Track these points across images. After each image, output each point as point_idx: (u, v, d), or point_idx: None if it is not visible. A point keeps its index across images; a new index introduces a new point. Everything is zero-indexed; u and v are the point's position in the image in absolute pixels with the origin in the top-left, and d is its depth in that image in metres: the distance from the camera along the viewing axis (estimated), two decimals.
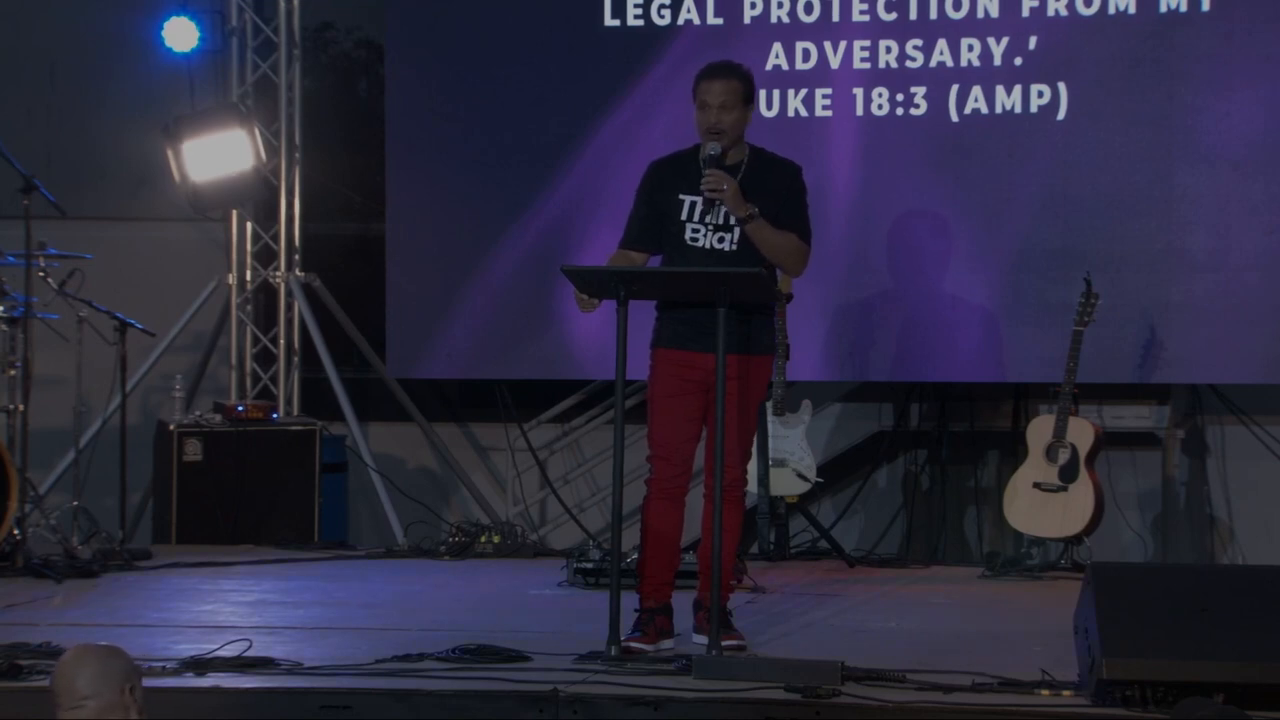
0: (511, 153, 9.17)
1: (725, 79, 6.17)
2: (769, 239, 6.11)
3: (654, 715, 5.26)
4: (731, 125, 6.15)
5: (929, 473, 9.43)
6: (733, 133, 6.17)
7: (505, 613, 7.02)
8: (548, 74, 9.14)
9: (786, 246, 6.15)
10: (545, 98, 9.12)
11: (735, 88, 6.15)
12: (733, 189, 6.07)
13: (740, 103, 6.16)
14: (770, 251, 6.12)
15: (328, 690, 5.44)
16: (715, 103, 6.14)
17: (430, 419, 9.75)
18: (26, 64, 9.78)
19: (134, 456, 8.69)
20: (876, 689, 5.38)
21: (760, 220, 6.08)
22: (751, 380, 6.17)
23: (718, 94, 6.13)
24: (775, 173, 6.26)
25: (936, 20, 8.71)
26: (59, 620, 6.56)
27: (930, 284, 8.76)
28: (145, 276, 9.56)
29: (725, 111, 6.14)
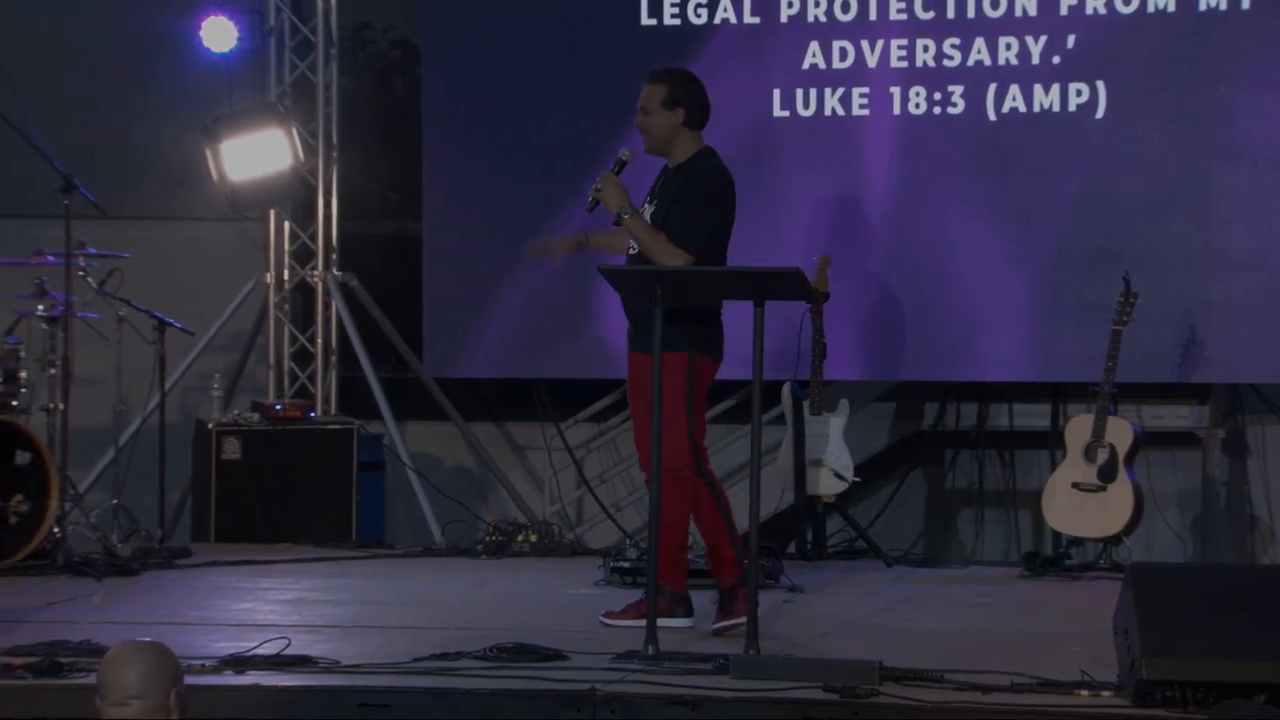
0: (547, 152, 9.17)
1: (650, 83, 6.48)
2: (635, 236, 6.36)
3: (691, 715, 5.25)
4: (651, 128, 6.44)
5: (967, 472, 9.40)
6: (655, 134, 6.46)
7: (542, 612, 7.03)
8: (584, 73, 9.14)
9: (650, 246, 6.36)
10: (581, 97, 9.12)
11: (655, 92, 6.45)
12: (610, 190, 6.31)
13: (659, 107, 6.43)
14: (641, 248, 6.36)
15: (366, 689, 5.45)
16: (640, 105, 6.47)
17: (467, 418, 9.76)
18: (66, 65, 9.82)
19: (173, 455, 8.73)
20: (914, 689, 5.36)
21: (630, 220, 6.31)
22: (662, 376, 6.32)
23: (642, 98, 6.46)
24: (683, 177, 6.43)
25: (974, 19, 8.69)
26: (99, 618, 6.59)
27: (968, 283, 8.73)
28: (184, 276, 9.60)
29: (645, 115, 6.46)
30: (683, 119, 6.45)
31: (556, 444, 9.70)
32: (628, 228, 6.35)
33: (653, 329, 6.20)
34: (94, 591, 7.39)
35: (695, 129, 6.51)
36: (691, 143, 6.49)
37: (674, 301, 6.01)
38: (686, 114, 6.45)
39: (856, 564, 8.40)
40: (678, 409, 6.34)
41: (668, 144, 6.48)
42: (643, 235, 6.34)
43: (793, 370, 8.39)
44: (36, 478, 7.79)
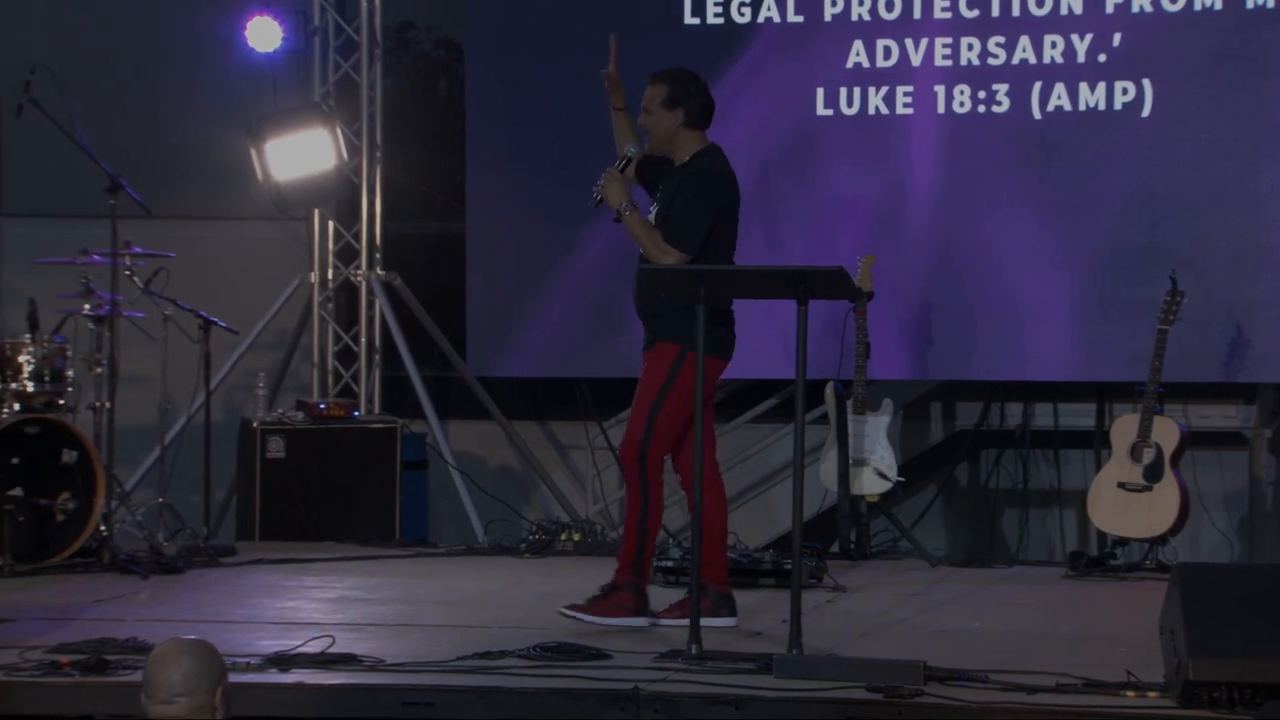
0: (591, 151, 9.14)
1: (651, 83, 6.52)
2: (633, 232, 6.40)
3: (735, 714, 5.24)
4: (653, 128, 6.49)
5: (1011, 472, 9.37)
6: (657, 135, 6.49)
7: None
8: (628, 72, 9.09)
9: (645, 243, 6.39)
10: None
11: (656, 92, 6.49)
12: (612, 187, 6.37)
13: (660, 107, 6.46)
14: (638, 244, 6.42)
15: (410, 687, 5.46)
16: (643, 106, 6.51)
17: (510, 417, 9.77)
18: (113, 66, 9.87)
19: (218, 453, 8.76)
20: (959, 689, 5.34)
21: (628, 217, 6.36)
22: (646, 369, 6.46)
23: (644, 98, 6.51)
24: (681, 177, 6.44)
25: (1019, 17, 8.66)
26: (145, 616, 6.62)
27: (1013, 282, 8.70)
28: (229, 275, 9.64)
29: (646, 115, 6.49)
30: (683, 119, 6.47)
31: (599, 443, 9.71)
32: (626, 224, 6.38)
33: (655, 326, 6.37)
34: (140, 589, 7.42)
35: (697, 128, 6.51)
36: (693, 142, 6.50)
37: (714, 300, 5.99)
38: (687, 114, 6.47)
39: (900, 564, 8.38)
40: (647, 398, 6.39)
41: (670, 144, 6.50)
42: (639, 232, 6.38)
43: (836, 369, 8.37)
44: (83, 476, 7.83)
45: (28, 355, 7.96)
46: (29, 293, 8.30)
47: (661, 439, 6.40)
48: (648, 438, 6.38)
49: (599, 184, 6.42)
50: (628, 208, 6.37)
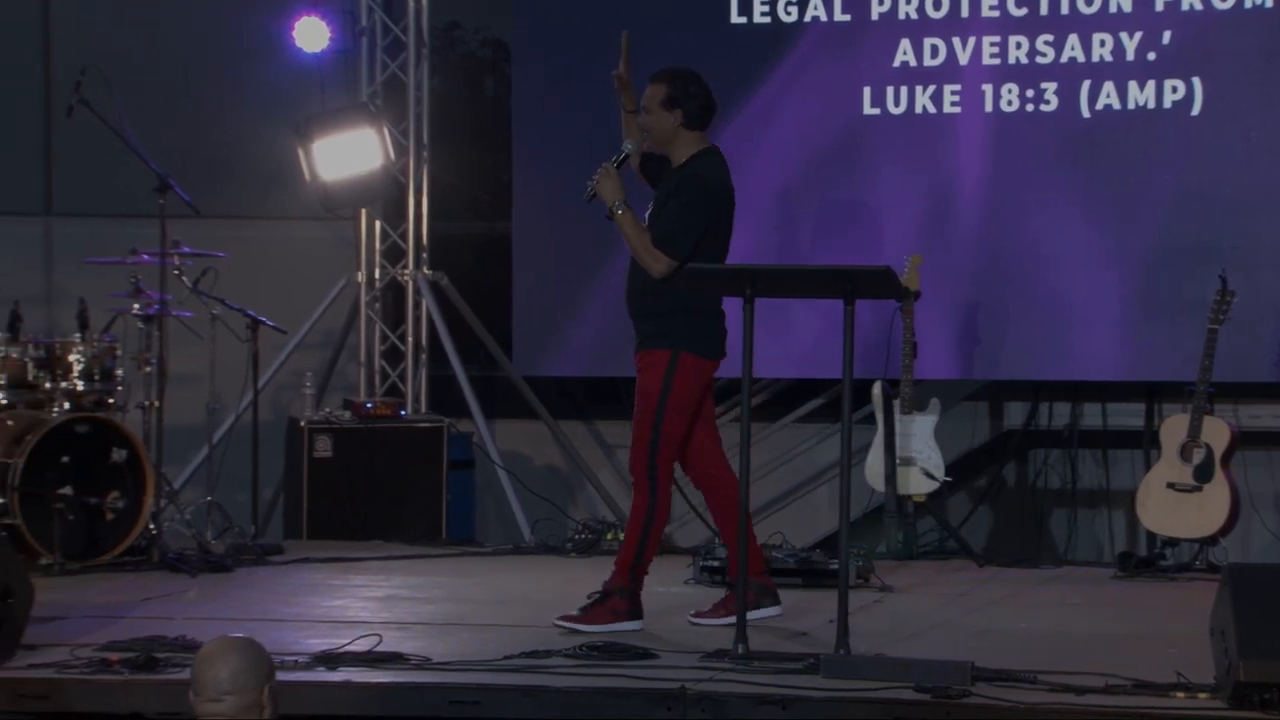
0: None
1: (651, 83, 6.50)
2: (626, 233, 6.40)
3: (782, 714, 5.24)
4: (651, 128, 6.48)
5: (1060, 472, 9.32)
6: (655, 134, 6.48)
7: None
8: None
9: (635, 244, 6.40)
10: None
11: (655, 92, 6.48)
12: (606, 183, 6.36)
13: (659, 107, 6.45)
14: (629, 245, 6.42)
15: (457, 686, 5.47)
16: (643, 105, 6.50)
17: (556, 416, 9.78)
18: (162, 67, 9.92)
19: (266, 453, 8.79)
20: (1007, 690, 5.33)
21: (621, 216, 6.36)
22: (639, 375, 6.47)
23: (644, 97, 6.49)
24: (677, 179, 6.44)
25: (1068, 15, 8.61)
26: (193, 614, 6.65)
27: (1061, 281, 8.66)
28: (276, 274, 9.67)
29: (645, 114, 6.47)
30: (682, 120, 6.45)
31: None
32: (618, 223, 6.39)
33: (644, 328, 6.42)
34: (188, 588, 7.46)
35: (696, 129, 6.49)
36: (692, 143, 6.48)
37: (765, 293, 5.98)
38: (685, 115, 6.45)
39: (947, 564, 8.34)
40: (648, 409, 6.39)
41: (668, 144, 6.50)
42: (630, 232, 6.39)
43: (883, 369, 8.35)
44: (132, 475, 7.88)
45: (78, 354, 8.02)
46: (79, 292, 8.35)
47: (669, 446, 6.42)
48: (655, 447, 6.39)
49: (594, 178, 6.41)
50: (620, 206, 6.36)
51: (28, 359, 7.98)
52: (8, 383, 7.97)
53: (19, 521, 7.57)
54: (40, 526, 7.61)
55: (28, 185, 10.16)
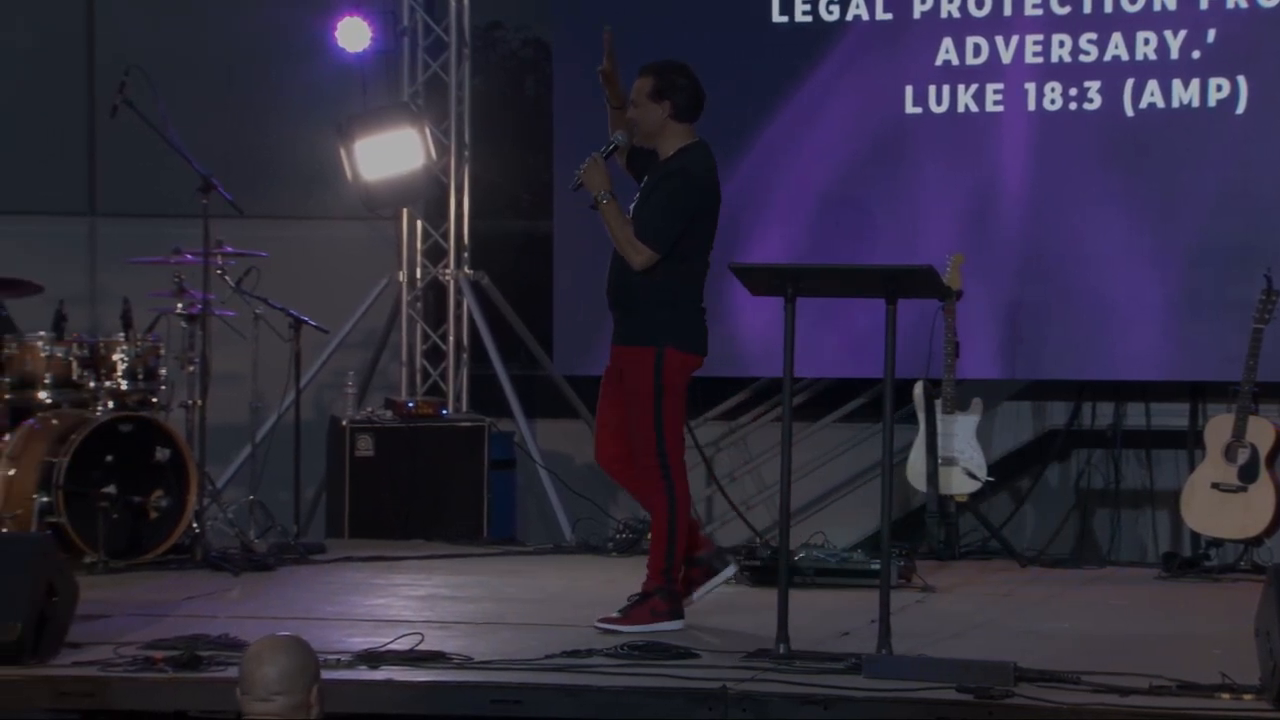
0: None
1: (640, 75, 6.49)
2: (607, 223, 6.40)
3: (823, 714, 5.23)
4: (639, 120, 6.45)
5: (1103, 472, 9.28)
6: (643, 127, 6.46)
7: None
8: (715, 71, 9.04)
9: (618, 236, 6.39)
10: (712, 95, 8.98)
11: (643, 84, 6.46)
12: (593, 174, 6.38)
13: (647, 99, 6.43)
14: (611, 237, 6.42)
15: (498, 685, 5.48)
16: (631, 98, 6.48)
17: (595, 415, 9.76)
18: (205, 67, 9.97)
19: (308, 452, 8.82)
20: (1051, 690, 5.30)
21: (605, 207, 6.36)
22: (626, 371, 6.40)
23: (633, 90, 6.48)
24: (663, 172, 6.43)
25: (1111, 13, 8.58)
26: (237, 613, 6.67)
27: (1104, 280, 8.62)
28: (318, 274, 9.70)
29: (633, 107, 6.46)
30: (670, 112, 6.43)
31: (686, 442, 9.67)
32: (602, 213, 6.38)
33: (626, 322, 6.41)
34: (231, 586, 7.48)
35: (684, 122, 6.47)
36: (679, 136, 6.46)
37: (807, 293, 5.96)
38: (674, 107, 6.43)
39: (989, 564, 8.31)
40: (645, 410, 6.37)
41: (656, 136, 6.47)
42: (613, 224, 6.38)
43: (924, 369, 8.33)
44: (176, 474, 7.91)
45: (122, 354, 8.05)
46: (123, 292, 8.38)
47: (674, 439, 6.43)
48: (662, 443, 6.39)
49: (581, 169, 6.40)
50: (605, 196, 6.36)
51: (72, 358, 8.02)
52: (53, 382, 8.01)
53: (64, 520, 7.61)
54: (85, 525, 7.64)
55: (72, 185, 10.22)
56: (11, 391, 8.00)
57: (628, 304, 6.44)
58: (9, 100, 10.01)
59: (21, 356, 8.05)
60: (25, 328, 8.36)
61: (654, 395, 6.36)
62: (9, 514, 7.68)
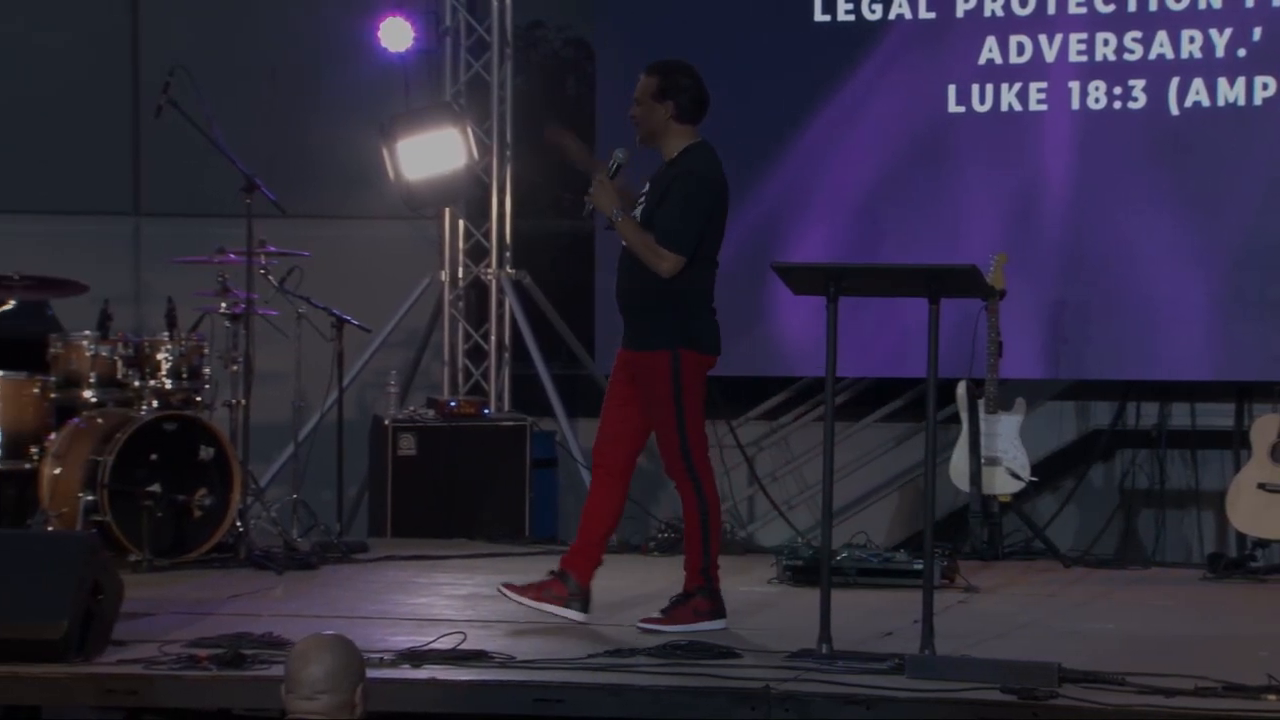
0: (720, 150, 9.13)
1: (644, 75, 6.46)
2: (629, 239, 6.35)
3: (866, 714, 5.22)
4: (641, 119, 6.43)
5: (1147, 472, 9.24)
6: (646, 127, 6.44)
7: None
8: (757, 71, 9.12)
9: (639, 248, 6.33)
10: (754, 95, 9.10)
11: (647, 84, 6.42)
12: (603, 196, 6.35)
13: (649, 98, 6.40)
14: (633, 250, 6.35)
15: (541, 684, 5.48)
16: (634, 97, 6.45)
17: None
18: (248, 68, 10.01)
19: (350, 451, 8.84)
20: (1095, 691, 5.28)
21: (621, 224, 6.32)
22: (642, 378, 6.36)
23: (637, 89, 6.44)
24: (671, 174, 6.39)
25: (1156, 12, 8.53)
26: (280, 611, 6.69)
27: (1148, 280, 8.58)
28: (361, 273, 9.72)
29: (636, 106, 6.42)
30: (673, 112, 6.40)
31: (728, 441, 9.68)
32: (620, 231, 6.34)
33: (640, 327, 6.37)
34: (275, 585, 7.50)
35: (688, 123, 6.44)
36: (683, 137, 6.43)
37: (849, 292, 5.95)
38: (677, 108, 6.40)
39: (1033, 564, 8.28)
40: (667, 414, 6.35)
41: (658, 137, 6.44)
42: (632, 237, 6.33)
43: (968, 368, 8.30)
44: (219, 472, 7.93)
45: (166, 353, 8.09)
46: (167, 291, 8.42)
47: (697, 440, 6.42)
48: (685, 445, 6.38)
49: (590, 193, 6.38)
50: (618, 214, 6.32)
51: (117, 357, 8.06)
52: (98, 381, 8.05)
53: (109, 518, 7.65)
54: (129, 523, 7.68)
55: (117, 185, 10.28)
56: (57, 390, 8.05)
57: (640, 308, 6.41)
58: (55, 101, 10.07)
59: (67, 356, 8.10)
60: (71, 327, 8.42)
61: (674, 399, 6.35)
62: (55, 512, 7.73)
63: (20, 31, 10.13)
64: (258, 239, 8.21)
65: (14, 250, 8.26)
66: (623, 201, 6.40)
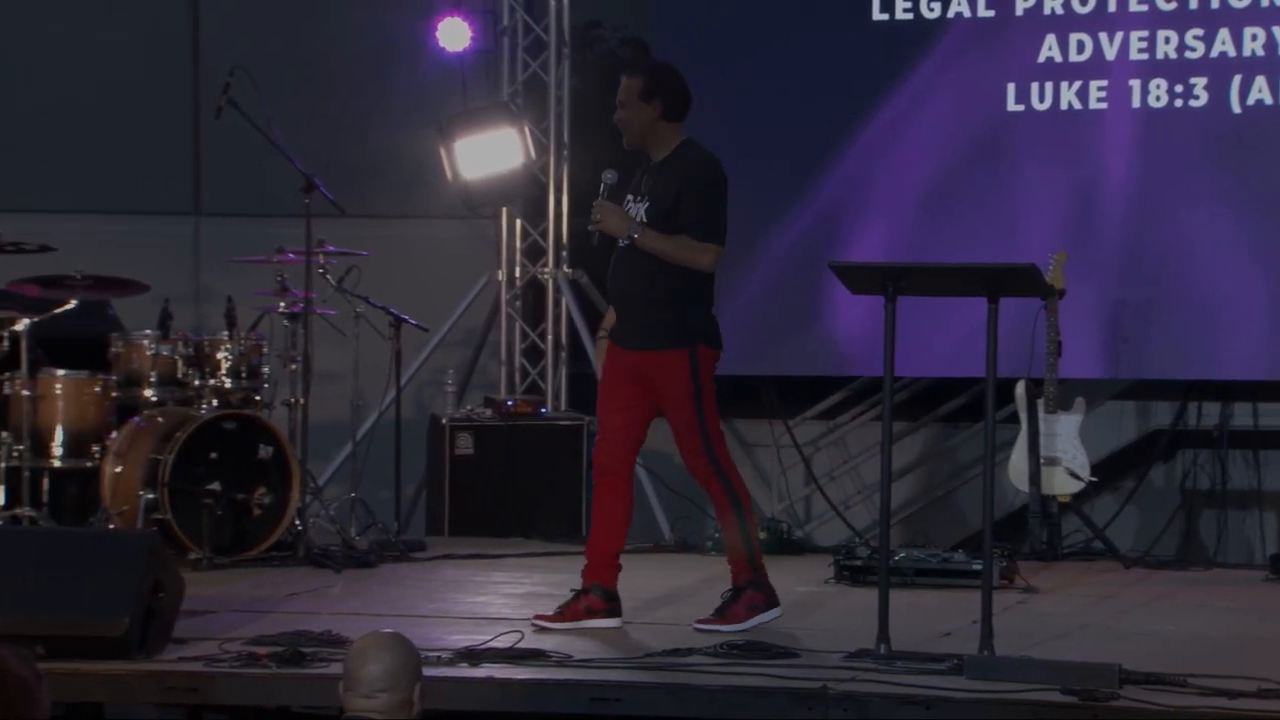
0: (777, 149, 9.14)
1: (627, 77, 6.41)
2: (660, 248, 6.24)
3: (925, 714, 5.20)
4: (628, 121, 6.37)
5: (1209, 472, 9.17)
6: (634, 129, 6.38)
7: None
8: (814, 70, 9.10)
9: (674, 252, 6.25)
10: (811, 94, 9.08)
11: (632, 86, 6.37)
12: (610, 221, 6.26)
13: (636, 99, 6.35)
14: (666, 258, 6.25)
15: (598, 683, 5.48)
16: (618, 100, 6.38)
17: None
18: (307, 68, 10.05)
19: (408, 450, 8.87)
20: (1156, 693, 5.24)
21: (642, 238, 6.23)
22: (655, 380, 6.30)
23: (621, 92, 6.38)
24: (682, 167, 6.34)
25: (1218, 9, 8.46)
26: (339, 609, 6.71)
27: (1210, 279, 8.52)
28: (418, 273, 9.75)
29: (622, 109, 6.36)
30: (660, 111, 6.36)
31: (785, 441, 9.67)
32: (643, 245, 6.25)
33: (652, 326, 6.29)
34: (333, 583, 7.52)
35: (675, 121, 6.41)
36: (673, 135, 6.40)
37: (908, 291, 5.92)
38: (664, 106, 6.37)
39: (1092, 565, 8.23)
40: (690, 413, 6.33)
41: (647, 138, 6.40)
42: (663, 246, 6.24)
43: (1027, 368, 8.26)
44: (278, 471, 7.97)
45: (225, 352, 8.13)
46: (226, 291, 8.47)
47: (718, 435, 6.41)
48: (709, 443, 6.37)
49: (595, 219, 6.30)
50: (637, 229, 6.25)
51: (178, 356, 8.11)
52: (158, 380, 8.10)
53: (169, 517, 7.69)
54: (189, 522, 7.72)
55: (177, 186, 10.34)
56: (118, 389, 8.11)
57: (651, 307, 6.34)
58: (115, 101, 10.14)
59: (128, 355, 8.16)
60: (132, 326, 8.47)
61: (695, 396, 6.33)
62: (116, 510, 7.78)
63: (81, 31, 10.20)
64: (316, 239, 8.24)
65: (76, 250, 8.31)
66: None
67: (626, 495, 6.52)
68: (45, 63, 10.17)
